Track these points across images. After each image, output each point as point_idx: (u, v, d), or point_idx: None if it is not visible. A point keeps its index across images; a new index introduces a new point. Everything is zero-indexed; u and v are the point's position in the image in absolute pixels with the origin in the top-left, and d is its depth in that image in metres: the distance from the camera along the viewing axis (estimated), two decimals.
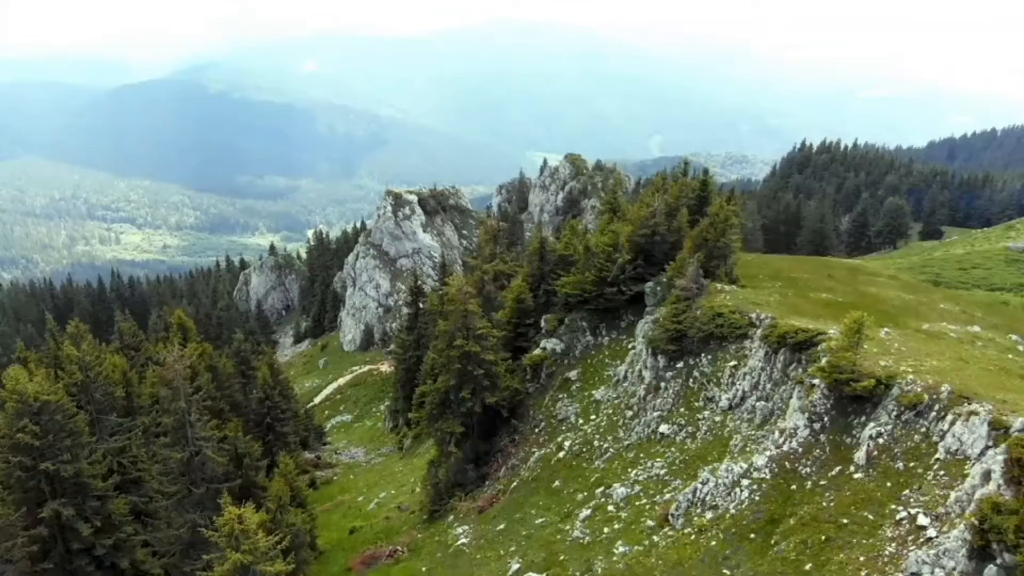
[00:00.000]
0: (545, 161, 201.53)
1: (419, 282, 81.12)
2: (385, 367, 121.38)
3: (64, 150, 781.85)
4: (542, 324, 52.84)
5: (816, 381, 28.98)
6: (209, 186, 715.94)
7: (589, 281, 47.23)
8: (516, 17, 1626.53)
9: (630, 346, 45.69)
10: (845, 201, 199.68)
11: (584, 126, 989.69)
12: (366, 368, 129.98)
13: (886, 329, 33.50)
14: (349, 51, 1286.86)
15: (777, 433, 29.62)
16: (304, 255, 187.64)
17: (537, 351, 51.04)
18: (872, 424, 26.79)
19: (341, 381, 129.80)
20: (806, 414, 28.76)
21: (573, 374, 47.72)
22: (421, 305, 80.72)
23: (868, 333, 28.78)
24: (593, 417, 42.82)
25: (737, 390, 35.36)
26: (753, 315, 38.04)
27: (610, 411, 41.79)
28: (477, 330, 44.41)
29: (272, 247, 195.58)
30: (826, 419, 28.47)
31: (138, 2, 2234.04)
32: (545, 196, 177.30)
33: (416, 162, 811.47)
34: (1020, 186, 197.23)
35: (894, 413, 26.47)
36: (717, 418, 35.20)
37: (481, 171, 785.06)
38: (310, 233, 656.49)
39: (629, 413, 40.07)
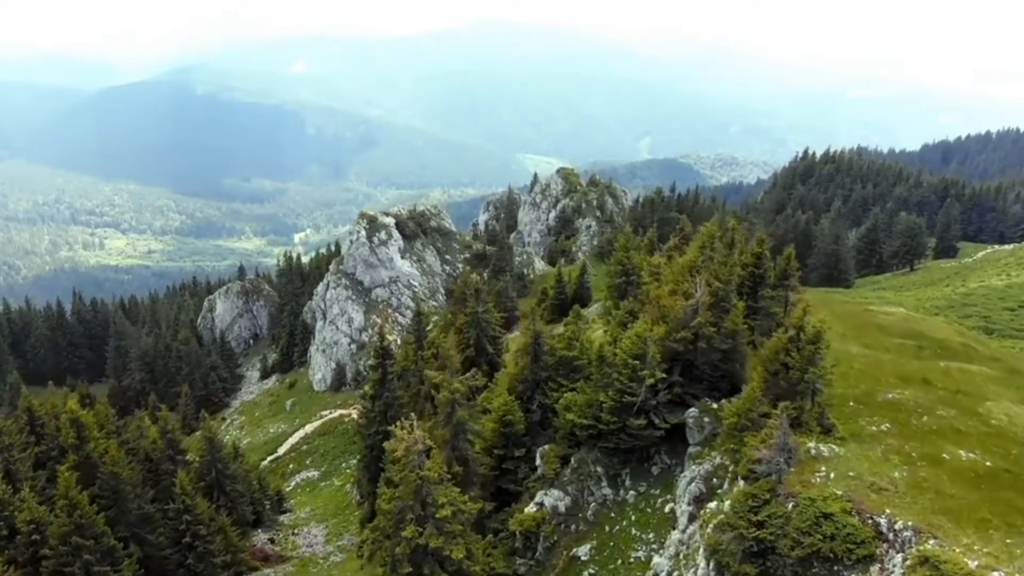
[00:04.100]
0: (536, 176, 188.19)
1: (386, 341, 67.01)
2: (356, 413, 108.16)
3: (48, 153, 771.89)
4: (537, 460, 38.28)
5: None
6: (195, 189, 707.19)
7: (605, 408, 32.81)
8: (504, 18, 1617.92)
9: (667, 507, 31.68)
10: (851, 214, 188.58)
11: (573, 128, 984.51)
12: (336, 413, 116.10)
13: None
14: (337, 52, 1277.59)
15: None
16: (291, 259, 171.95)
17: (531, 509, 36.04)
18: None
19: (309, 428, 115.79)
20: None
21: (583, 551, 32.99)
22: (388, 368, 66.96)
23: None
24: None
25: None
26: (882, 520, 23.86)
27: None
28: (438, 507, 29.57)
29: (241, 270, 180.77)
30: None
31: (124, 3, 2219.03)
32: (536, 214, 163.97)
33: (405, 164, 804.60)
34: None
35: None
36: None
37: (471, 174, 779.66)
38: (297, 237, 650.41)
39: None
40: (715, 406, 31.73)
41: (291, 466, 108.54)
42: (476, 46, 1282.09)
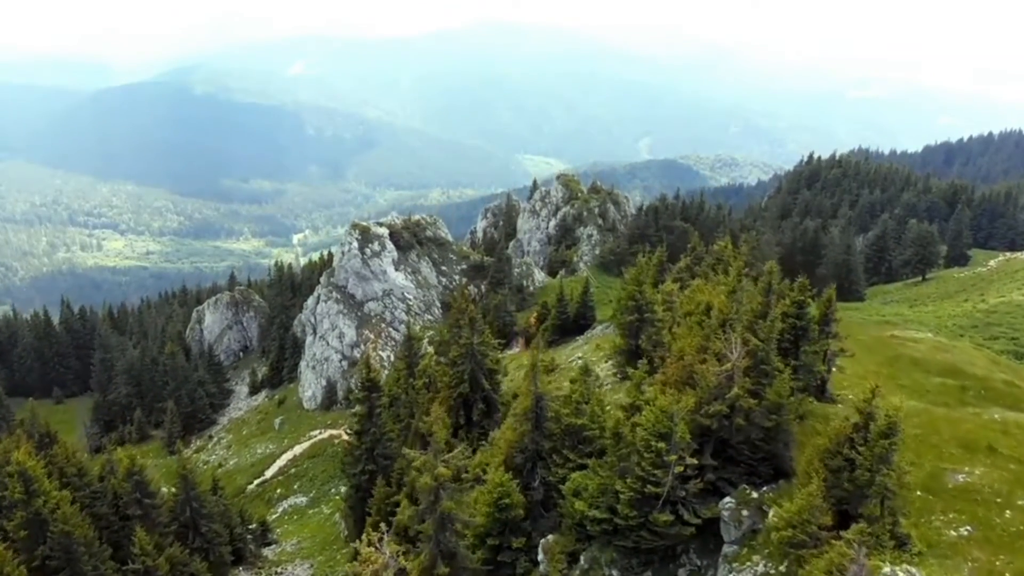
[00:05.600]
0: (535, 183, 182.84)
1: (373, 372, 61.86)
2: (347, 435, 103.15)
3: (45, 154, 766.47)
4: (540, 555, 32.28)
5: None
6: (193, 190, 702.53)
7: (623, 499, 27.01)
8: (504, 18, 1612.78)
9: None
10: (859, 220, 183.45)
11: (573, 128, 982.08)
12: (327, 434, 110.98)
13: None
14: (336, 53, 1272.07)
15: None
16: (282, 269, 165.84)
17: None
18: None
19: (298, 450, 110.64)
20: None
21: None
22: (375, 401, 61.82)
23: None
24: None
25: None
26: None
27: None
28: None
29: (232, 278, 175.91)
30: None
31: (123, 3, 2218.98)
32: (536, 222, 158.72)
33: (405, 165, 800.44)
34: None
35: None
36: None
37: (470, 174, 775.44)
38: (296, 238, 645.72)
39: None
40: (755, 495, 26.37)
41: (278, 491, 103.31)
42: (476, 46, 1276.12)
